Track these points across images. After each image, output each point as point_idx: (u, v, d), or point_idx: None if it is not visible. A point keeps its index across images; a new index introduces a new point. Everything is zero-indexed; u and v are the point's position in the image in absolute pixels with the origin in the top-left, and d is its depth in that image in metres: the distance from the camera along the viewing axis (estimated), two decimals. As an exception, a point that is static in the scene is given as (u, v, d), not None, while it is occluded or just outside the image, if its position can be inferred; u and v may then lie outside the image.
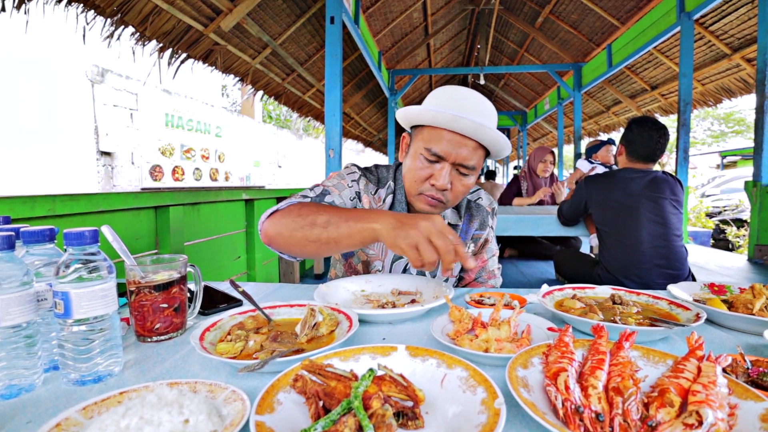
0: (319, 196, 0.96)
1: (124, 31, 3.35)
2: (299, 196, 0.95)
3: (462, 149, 0.88)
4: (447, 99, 0.89)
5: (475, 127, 0.84)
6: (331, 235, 0.76)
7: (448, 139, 0.87)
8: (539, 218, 2.48)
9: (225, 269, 1.94)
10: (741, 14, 4.09)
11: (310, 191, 0.97)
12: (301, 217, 0.80)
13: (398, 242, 0.67)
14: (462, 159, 0.88)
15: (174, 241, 1.46)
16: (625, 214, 1.91)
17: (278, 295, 0.94)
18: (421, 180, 0.92)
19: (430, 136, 0.89)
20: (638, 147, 1.91)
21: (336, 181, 1.02)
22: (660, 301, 0.73)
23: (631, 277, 1.88)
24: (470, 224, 1.10)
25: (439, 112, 0.84)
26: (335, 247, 0.77)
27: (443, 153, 0.88)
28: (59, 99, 4.89)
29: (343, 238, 0.75)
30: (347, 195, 1.00)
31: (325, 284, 0.87)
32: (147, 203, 1.33)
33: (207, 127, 7.37)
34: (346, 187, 1.01)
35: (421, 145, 0.90)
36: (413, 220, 0.68)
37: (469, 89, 0.91)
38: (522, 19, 6.59)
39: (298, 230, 0.79)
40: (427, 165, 0.90)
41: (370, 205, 1.04)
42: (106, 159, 5.06)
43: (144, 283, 0.66)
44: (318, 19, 4.76)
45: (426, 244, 0.65)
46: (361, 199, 1.04)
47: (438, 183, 0.89)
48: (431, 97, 0.94)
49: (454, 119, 0.83)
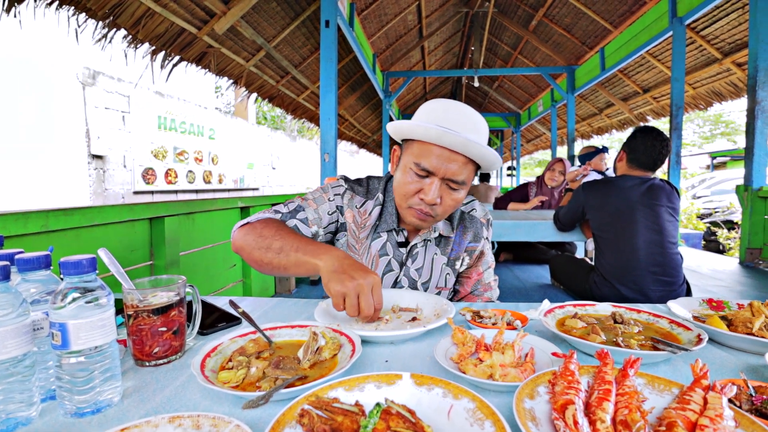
0: (291, 213, 0.99)
1: (116, 33, 3.31)
2: (272, 211, 1.00)
3: (451, 164, 0.88)
4: (437, 114, 0.89)
5: (464, 142, 0.84)
6: (281, 261, 0.82)
7: (437, 154, 0.87)
8: (535, 224, 2.49)
9: (221, 278, 1.92)
10: (732, 19, 4.15)
11: (284, 206, 1.01)
12: (262, 238, 0.86)
13: (330, 285, 0.71)
14: (451, 174, 0.88)
15: (169, 252, 1.44)
16: (621, 220, 1.92)
17: (276, 312, 0.94)
18: (411, 194, 0.92)
19: (420, 151, 0.89)
20: (640, 155, 1.93)
21: (318, 194, 1.04)
22: (660, 319, 0.73)
23: (626, 284, 1.89)
24: (463, 236, 1.10)
25: (429, 127, 0.84)
26: (284, 272, 0.84)
27: (432, 168, 0.88)
28: (49, 102, 4.82)
29: (291, 267, 0.82)
30: (325, 209, 1.02)
31: (325, 301, 0.86)
32: (142, 215, 1.31)
33: (200, 130, 7.32)
34: (326, 201, 1.03)
35: (411, 159, 0.90)
36: (353, 270, 0.72)
37: (459, 103, 0.91)
38: (516, 22, 6.62)
39: (256, 250, 0.86)
40: (417, 179, 0.90)
41: (354, 219, 1.05)
42: (97, 162, 5.00)
43: (142, 307, 0.65)
44: (312, 21, 4.74)
45: (353, 298, 0.70)
46: (344, 213, 1.05)
47: (427, 198, 0.89)
48: (421, 111, 0.93)
49: (443, 134, 0.83)
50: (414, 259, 1.06)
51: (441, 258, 1.08)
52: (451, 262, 1.09)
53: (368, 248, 1.04)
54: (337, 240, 1.07)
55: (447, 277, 1.09)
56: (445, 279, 1.09)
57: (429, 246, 1.06)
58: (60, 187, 4.74)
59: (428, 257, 1.07)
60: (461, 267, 1.11)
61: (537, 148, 13.62)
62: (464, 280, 1.13)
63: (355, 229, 1.05)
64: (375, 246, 1.04)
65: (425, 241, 1.06)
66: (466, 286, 1.13)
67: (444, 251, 1.08)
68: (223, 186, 8.08)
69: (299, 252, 0.80)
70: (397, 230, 1.04)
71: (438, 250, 1.07)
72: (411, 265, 1.06)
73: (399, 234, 1.05)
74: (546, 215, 2.68)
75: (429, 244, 1.06)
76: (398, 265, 1.05)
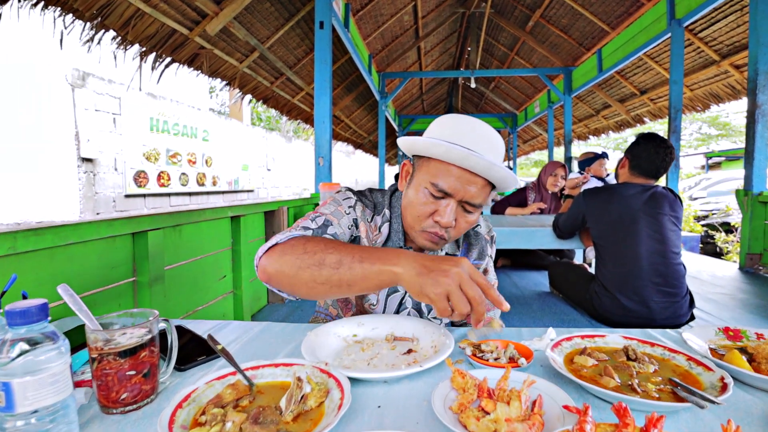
0: (322, 228, 0.87)
1: (104, 35, 3.23)
2: (299, 228, 0.86)
3: (471, 187, 0.81)
4: (455, 131, 0.82)
5: (488, 166, 0.78)
6: (343, 277, 0.69)
7: (457, 175, 0.81)
8: (534, 231, 2.44)
9: (210, 290, 1.86)
10: (730, 21, 4.12)
11: (311, 222, 0.88)
12: (308, 254, 0.72)
13: (426, 290, 0.61)
14: (470, 197, 0.82)
15: (153, 267, 1.38)
16: (623, 229, 1.87)
17: (263, 339, 0.87)
18: (425, 216, 0.85)
19: (437, 171, 0.82)
20: (643, 162, 1.88)
21: (333, 207, 0.94)
22: (677, 355, 0.67)
23: (627, 294, 1.84)
24: (468, 254, 1.04)
25: (452, 147, 0.77)
26: (347, 290, 0.70)
27: (451, 190, 0.81)
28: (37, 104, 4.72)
29: (357, 281, 0.68)
30: (345, 223, 0.93)
31: (314, 331, 0.80)
32: (123, 230, 1.25)
33: (194, 131, 7.22)
34: (344, 215, 0.93)
35: (426, 178, 0.83)
36: (440, 264, 0.63)
37: (478, 120, 0.85)
38: (512, 23, 6.58)
39: (305, 269, 0.71)
40: (432, 201, 0.83)
41: (367, 234, 0.97)
42: (87, 166, 4.90)
43: (107, 349, 0.59)
44: (307, 22, 4.67)
45: (459, 294, 0.60)
46: (358, 226, 0.96)
47: (443, 221, 0.82)
48: (437, 127, 0.86)
49: (468, 156, 0.77)
50: None
51: None
52: None
53: None
54: None
55: None
56: None
57: None
58: (48, 192, 4.64)
59: None
60: None
61: (533, 148, 13.61)
62: None
63: (368, 245, 0.97)
64: None
65: None
66: None
67: None
68: (217, 188, 7.98)
69: (366, 262, 0.67)
70: (402, 249, 0.98)
71: None
72: None
73: None
74: (545, 222, 2.63)
75: None
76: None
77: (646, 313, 1.80)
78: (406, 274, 0.64)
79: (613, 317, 1.90)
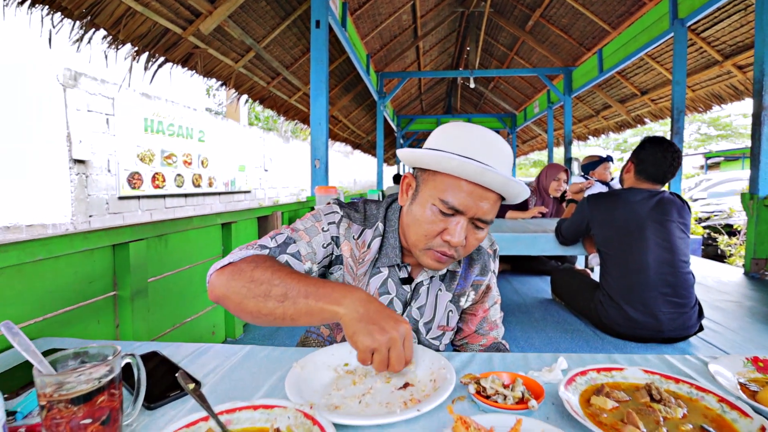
0: (281, 247, 0.82)
1: (95, 34, 3.15)
2: (256, 246, 0.82)
3: (483, 203, 0.74)
4: (466, 144, 0.75)
5: (505, 182, 0.71)
6: (287, 311, 0.68)
7: (469, 191, 0.73)
8: (536, 236, 2.37)
9: (198, 301, 1.78)
10: (733, 21, 4.05)
11: (270, 240, 0.84)
12: (254, 283, 0.71)
13: (357, 339, 0.63)
14: (482, 213, 0.75)
15: (135, 280, 1.30)
16: (629, 236, 1.80)
17: (244, 368, 0.79)
18: (433, 235, 0.77)
19: (447, 186, 0.75)
20: (649, 166, 1.80)
21: (310, 223, 0.88)
22: (707, 395, 0.60)
23: (634, 305, 1.77)
24: (470, 269, 0.97)
25: (467, 161, 0.70)
26: (291, 323, 0.70)
27: (462, 207, 0.74)
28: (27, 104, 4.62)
29: (301, 316, 0.69)
30: (319, 241, 0.86)
31: (301, 363, 0.72)
32: (100, 243, 1.17)
33: (189, 132, 7.13)
34: (320, 232, 0.87)
35: (434, 194, 0.76)
36: (382, 320, 0.64)
37: (485, 129, 0.77)
38: (512, 23, 6.51)
39: (250, 299, 0.71)
40: (441, 218, 0.76)
41: (352, 253, 0.90)
42: (79, 167, 4.80)
43: (58, 396, 0.51)
44: (304, 21, 4.59)
45: (384, 355, 0.62)
46: (340, 244, 0.89)
47: (454, 240, 0.75)
48: (443, 138, 0.78)
49: (484, 172, 0.70)
50: (417, 297, 0.92)
51: (446, 294, 0.94)
52: (456, 298, 0.96)
53: (367, 285, 0.90)
54: (330, 274, 0.92)
55: (450, 314, 0.96)
56: (448, 317, 0.96)
57: (434, 282, 0.93)
58: (39, 194, 4.54)
59: (432, 294, 0.94)
60: (466, 303, 0.98)
61: (533, 149, 13.55)
62: (469, 318, 1.00)
63: (353, 264, 0.90)
64: (374, 283, 0.90)
65: (431, 277, 0.93)
66: (470, 324, 1.00)
67: (449, 287, 0.94)
68: (213, 189, 7.89)
69: (311, 298, 0.67)
70: (400, 266, 0.91)
71: (442, 285, 0.94)
72: (414, 303, 0.92)
73: (401, 269, 0.91)
74: (547, 227, 2.56)
75: (434, 280, 0.93)
76: (401, 305, 0.91)
77: (653, 324, 1.73)
78: (347, 316, 0.65)
79: (618, 328, 1.82)
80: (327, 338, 1.01)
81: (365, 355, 0.63)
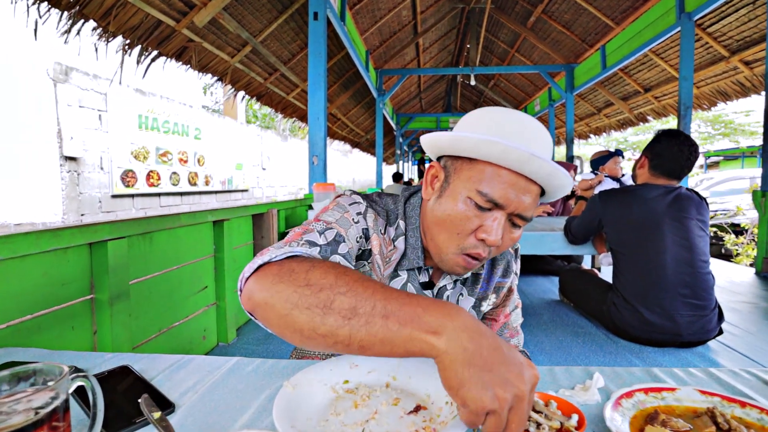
0: (332, 245, 0.65)
1: (84, 25, 3.03)
2: (303, 242, 0.63)
3: (525, 197, 0.64)
4: (506, 129, 0.64)
5: (552, 172, 0.61)
6: (355, 334, 0.46)
7: (511, 182, 0.63)
8: (543, 235, 2.27)
9: (188, 304, 1.67)
10: (741, 15, 3.96)
11: (318, 235, 0.66)
12: (311, 288, 0.50)
13: (468, 393, 0.40)
14: (523, 209, 0.64)
15: (115, 282, 1.19)
16: (646, 235, 1.70)
17: (229, 385, 0.69)
18: (467, 233, 0.66)
19: (485, 176, 0.64)
20: (666, 161, 1.71)
21: (338, 214, 0.72)
22: (783, 423, 0.50)
23: (650, 307, 1.67)
24: (493, 271, 0.86)
25: (512, 147, 0.59)
26: (360, 352, 0.48)
27: (503, 200, 0.63)
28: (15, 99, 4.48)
29: (375, 344, 0.46)
30: (353, 234, 0.72)
31: (292, 381, 0.61)
32: (74, 241, 1.06)
33: (185, 129, 7.00)
34: (352, 224, 0.72)
35: (470, 185, 0.65)
36: (503, 365, 0.42)
37: (527, 116, 0.67)
38: (513, 19, 6.41)
39: (303, 311, 0.49)
40: (476, 213, 0.65)
41: (380, 249, 0.76)
42: (70, 164, 4.68)
43: (-19, 433, 0.40)
44: (302, 15, 4.48)
45: (502, 419, 0.40)
46: (369, 238, 0.75)
47: (490, 238, 0.64)
48: (476, 123, 0.67)
49: (530, 160, 0.59)
50: None
51: (468, 300, 0.83)
52: (477, 302, 0.85)
53: None
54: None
55: None
56: None
57: (456, 286, 0.82)
58: (29, 192, 4.40)
59: (453, 299, 0.82)
60: (487, 307, 0.88)
61: (532, 148, 13.45)
62: (489, 324, 0.89)
63: (380, 263, 0.76)
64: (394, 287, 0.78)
65: (455, 281, 0.81)
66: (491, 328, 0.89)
67: (472, 291, 0.83)
68: (210, 188, 7.77)
69: (392, 319, 0.45)
70: (421, 268, 0.79)
71: (464, 289, 0.83)
72: None
73: (422, 273, 0.79)
74: (555, 225, 2.46)
75: (457, 284, 0.82)
76: None
77: (671, 327, 1.63)
78: (449, 355, 0.42)
79: (633, 331, 1.73)
80: (329, 347, 0.90)
81: (476, 417, 0.42)
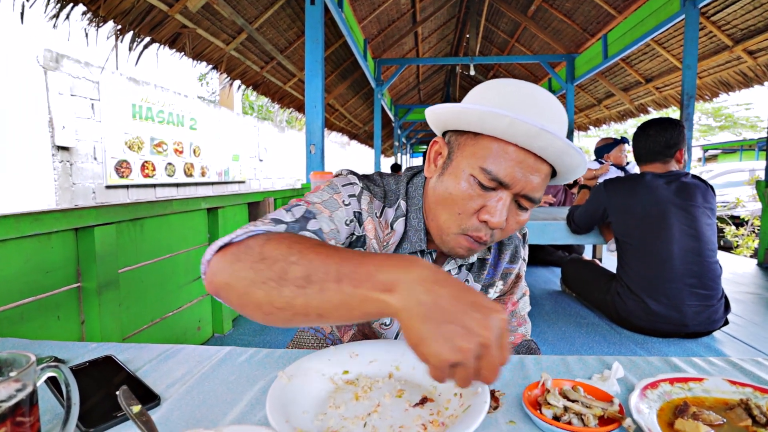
0: (300, 222, 0.62)
1: (73, 9, 2.93)
2: (269, 220, 0.61)
3: (534, 176, 0.59)
4: (515, 101, 0.59)
5: (564, 149, 0.55)
6: (310, 301, 0.45)
7: (519, 159, 0.58)
8: (545, 225, 2.22)
9: (180, 294, 1.62)
10: (746, 3, 3.89)
11: (285, 213, 0.63)
12: (265, 262, 0.48)
13: (427, 348, 0.38)
14: (531, 189, 0.59)
15: (103, 270, 1.14)
16: (652, 224, 1.66)
17: (221, 374, 0.64)
18: (469, 214, 0.62)
19: (490, 152, 0.59)
20: (641, 151, 1.78)
21: (327, 195, 0.69)
22: (827, 416, 0.45)
23: (656, 297, 1.63)
24: (500, 257, 0.81)
25: (520, 120, 0.53)
26: (318, 321, 0.47)
27: (508, 179, 0.58)
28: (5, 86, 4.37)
29: (332, 310, 0.45)
30: (341, 217, 0.68)
31: (288, 371, 0.56)
32: (57, 226, 1.00)
33: (180, 119, 6.90)
34: (341, 206, 0.69)
35: (473, 162, 0.60)
36: (464, 313, 0.39)
37: (539, 88, 0.61)
38: (513, 8, 6.30)
39: (259, 286, 0.47)
40: (480, 193, 0.60)
41: (376, 233, 0.72)
42: (63, 154, 4.59)
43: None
44: (299, 1, 4.38)
45: (471, 369, 0.37)
46: (362, 222, 0.71)
47: (493, 220, 0.59)
48: (485, 94, 0.62)
49: (540, 134, 0.54)
50: None
51: (474, 286, 0.78)
52: (484, 289, 0.80)
53: None
54: None
55: None
56: None
57: (461, 271, 0.77)
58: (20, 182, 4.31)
59: None
60: (494, 295, 0.83)
61: (531, 140, 13.40)
62: None
63: (377, 248, 0.72)
64: None
65: (460, 266, 0.77)
66: None
67: (478, 277, 0.78)
68: (206, 179, 7.69)
69: (345, 282, 0.43)
70: (425, 252, 0.74)
71: (470, 275, 0.78)
72: None
73: (426, 257, 0.74)
74: (557, 215, 2.41)
75: (462, 269, 0.77)
76: None
77: (677, 318, 1.60)
78: (406, 311, 0.40)
79: (638, 321, 1.69)
80: (328, 336, 0.85)
81: (441, 372, 0.40)
